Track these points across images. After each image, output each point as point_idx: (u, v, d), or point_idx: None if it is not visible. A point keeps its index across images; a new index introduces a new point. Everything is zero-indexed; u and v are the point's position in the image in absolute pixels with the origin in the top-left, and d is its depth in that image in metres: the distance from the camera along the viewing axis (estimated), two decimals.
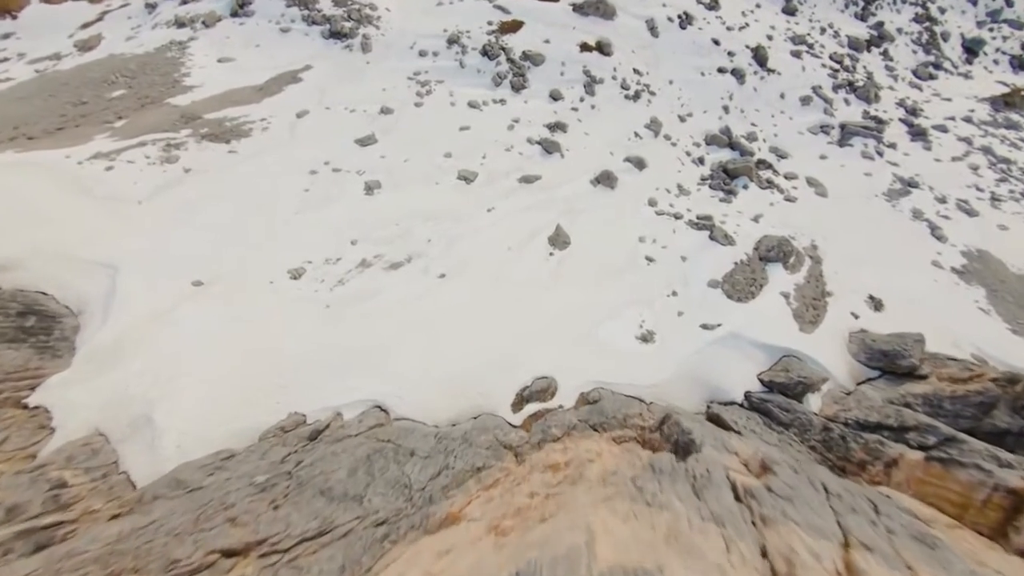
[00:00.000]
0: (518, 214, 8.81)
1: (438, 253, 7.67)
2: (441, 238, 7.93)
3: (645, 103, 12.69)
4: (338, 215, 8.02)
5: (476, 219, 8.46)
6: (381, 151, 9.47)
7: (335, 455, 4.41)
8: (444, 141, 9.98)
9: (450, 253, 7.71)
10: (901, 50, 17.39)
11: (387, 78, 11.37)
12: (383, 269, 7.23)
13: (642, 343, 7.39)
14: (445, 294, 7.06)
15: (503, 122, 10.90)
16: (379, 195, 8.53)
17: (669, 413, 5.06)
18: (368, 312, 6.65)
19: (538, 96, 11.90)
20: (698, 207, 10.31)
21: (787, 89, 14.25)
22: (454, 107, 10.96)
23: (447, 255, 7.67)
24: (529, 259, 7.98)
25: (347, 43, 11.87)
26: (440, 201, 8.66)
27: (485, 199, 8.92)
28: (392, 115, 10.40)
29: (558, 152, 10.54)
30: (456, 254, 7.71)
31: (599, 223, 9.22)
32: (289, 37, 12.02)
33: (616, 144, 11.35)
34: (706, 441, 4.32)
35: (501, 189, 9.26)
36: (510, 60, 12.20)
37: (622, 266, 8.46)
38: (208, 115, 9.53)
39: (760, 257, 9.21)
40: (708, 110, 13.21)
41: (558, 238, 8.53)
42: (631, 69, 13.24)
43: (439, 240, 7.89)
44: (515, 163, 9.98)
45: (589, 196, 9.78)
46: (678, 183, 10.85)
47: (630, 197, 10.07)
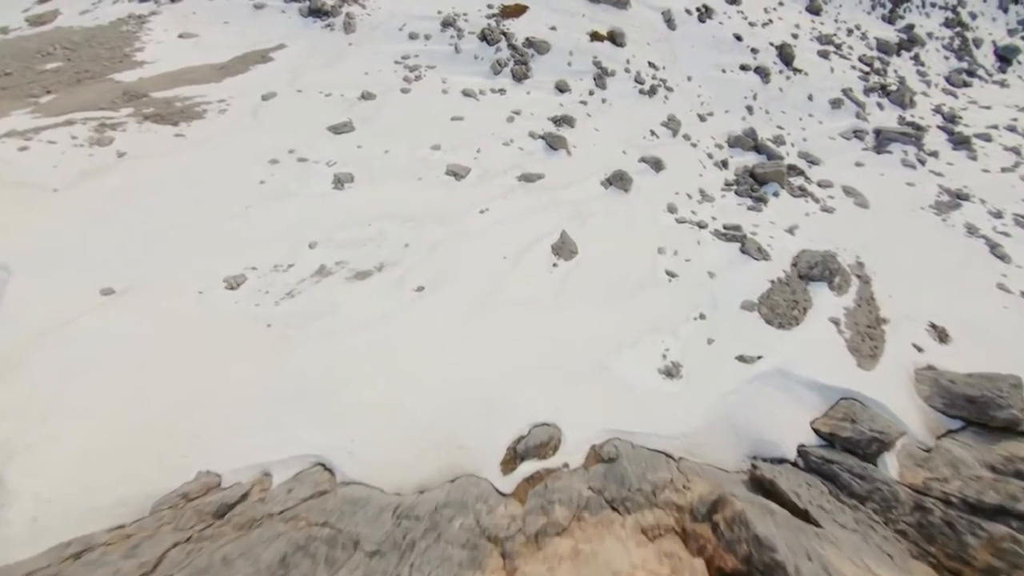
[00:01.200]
0: (516, 217, 7.41)
1: (417, 261, 6.24)
2: (421, 243, 6.51)
3: (662, 99, 11.39)
4: (297, 212, 6.60)
5: (466, 222, 7.06)
6: (358, 140, 8.09)
7: (229, 563, 2.94)
8: (433, 132, 8.62)
9: (431, 261, 6.29)
10: (932, 55, 16.24)
11: (371, 61, 10.04)
12: (346, 279, 5.79)
13: (666, 379, 5.94)
14: (422, 313, 5.61)
15: (502, 113, 9.56)
16: (350, 190, 7.13)
17: (723, 498, 3.60)
18: (321, 334, 5.19)
19: (542, 87, 10.58)
20: (724, 215, 8.95)
21: (815, 91, 13.00)
22: (446, 95, 9.63)
23: (428, 264, 6.24)
24: (528, 271, 6.56)
25: (328, 22, 10.58)
26: (423, 199, 7.25)
27: (477, 199, 7.52)
28: (374, 101, 9.04)
29: (564, 149, 9.18)
30: (439, 263, 6.28)
31: (611, 230, 7.83)
32: (263, 14, 10.71)
33: (630, 143, 10.01)
34: (799, 564, 2.85)
35: (497, 188, 7.87)
36: (512, 46, 10.91)
37: (639, 282, 7.05)
38: (156, 93, 8.15)
39: (800, 275, 7.81)
40: (730, 110, 11.92)
41: (563, 247, 7.12)
42: (646, 62, 11.97)
43: (419, 245, 6.47)
44: (514, 159, 8.61)
45: (599, 199, 8.40)
46: (700, 188, 9.50)
47: (647, 202, 8.69)
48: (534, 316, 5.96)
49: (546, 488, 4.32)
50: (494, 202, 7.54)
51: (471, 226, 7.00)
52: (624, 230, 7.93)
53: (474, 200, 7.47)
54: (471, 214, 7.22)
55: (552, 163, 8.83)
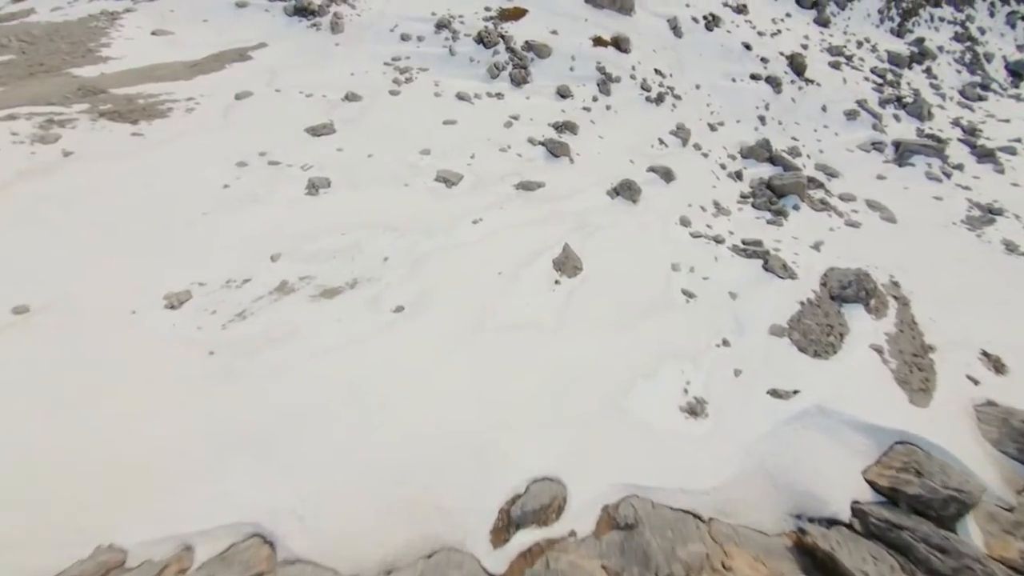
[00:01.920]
0: (514, 229, 6.58)
1: (397, 278, 5.37)
2: (404, 256, 5.65)
3: (669, 107, 10.72)
4: (262, 220, 5.76)
5: (456, 233, 6.22)
6: (339, 143, 7.31)
7: None
8: (423, 136, 7.86)
9: (414, 278, 5.42)
10: (944, 69, 15.77)
11: (359, 62, 9.37)
12: (310, 298, 4.90)
13: (689, 418, 5.02)
14: (399, 338, 4.71)
15: (498, 118, 8.83)
16: (325, 196, 6.30)
17: None
18: (273, 363, 4.28)
19: (542, 92, 9.90)
20: (742, 230, 8.15)
21: (829, 102, 12.40)
22: (439, 98, 8.91)
23: (410, 281, 5.37)
24: (527, 290, 5.69)
25: (314, 21, 9.94)
26: (409, 207, 6.43)
27: (470, 208, 6.70)
28: (360, 103, 8.30)
29: (566, 156, 8.43)
30: (423, 280, 5.41)
31: (619, 244, 7.00)
32: (245, 12, 10.08)
33: (637, 151, 9.28)
34: None
35: (492, 196, 7.06)
36: (510, 49, 10.28)
37: (653, 303, 6.18)
38: (117, 90, 7.39)
39: (832, 295, 6.97)
40: (742, 120, 11.26)
41: (567, 262, 6.27)
42: (652, 69, 11.35)
43: (400, 259, 5.61)
44: (512, 166, 7.83)
45: (606, 210, 7.60)
46: (714, 200, 8.73)
47: (657, 214, 7.89)
48: (533, 343, 5.07)
49: (548, 568, 3.37)
50: (489, 212, 6.72)
51: (462, 238, 6.16)
52: (633, 244, 7.10)
53: (466, 209, 6.65)
54: (463, 224, 6.39)
55: (553, 171, 8.06)
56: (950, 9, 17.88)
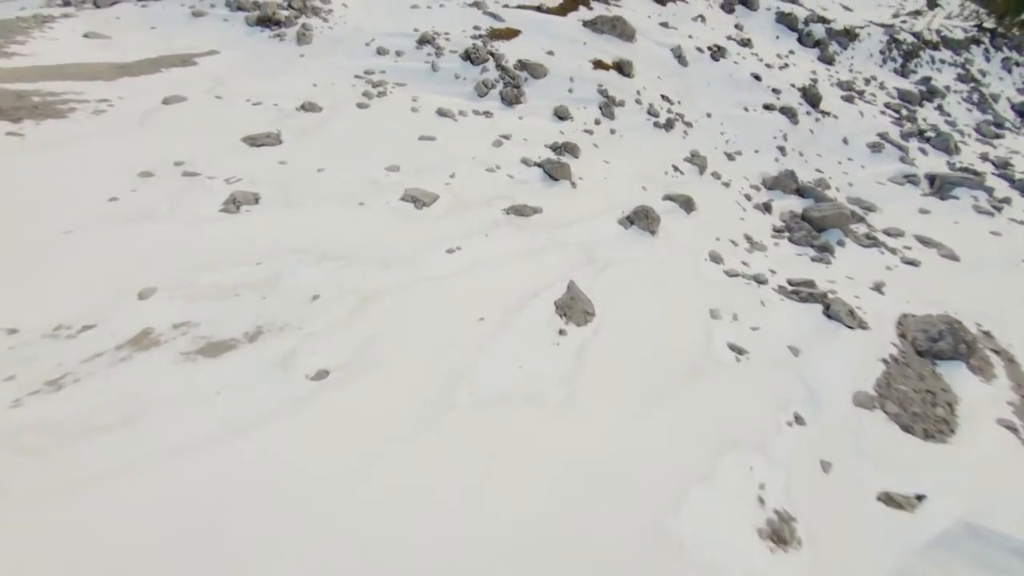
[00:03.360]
0: (502, 261, 4.98)
1: (327, 325, 3.66)
2: (343, 295, 3.97)
3: (681, 134, 9.55)
4: (146, 242, 4.10)
5: (423, 264, 4.59)
6: (283, 155, 5.82)
7: None
8: (392, 151, 6.42)
9: (354, 326, 3.71)
10: (955, 107, 15.17)
11: (325, 73, 8.11)
12: (180, 356, 3.15)
13: (776, 548, 3.20)
14: (314, 426, 2.94)
15: (486, 136, 7.48)
16: (248, 215, 4.70)
17: None
18: (82, 474, 2.47)
19: (537, 113, 8.67)
20: (784, 268, 6.63)
21: (850, 134, 11.40)
22: (416, 113, 7.59)
23: (346, 330, 3.66)
24: (520, 344, 3.99)
25: (278, 32, 8.80)
26: (361, 230, 4.83)
27: (445, 233, 5.12)
28: (318, 114, 6.92)
29: (567, 180, 7.01)
30: (367, 329, 3.71)
31: (640, 283, 5.40)
32: (201, 21, 8.94)
33: (649, 178, 7.93)
34: None
35: (475, 221, 5.51)
36: (501, 68, 9.15)
37: (694, 363, 4.50)
38: (9, 84, 5.93)
39: (920, 350, 5.34)
40: (760, 150, 10.11)
41: (573, 305, 4.62)
42: (658, 95, 10.30)
43: (337, 298, 3.92)
44: (501, 188, 6.37)
45: (618, 242, 6.07)
46: (745, 234, 7.28)
47: (681, 248, 6.38)
48: (531, 427, 3.31)
49: None
50: (470, 239, 5.14)
51: (432, 270, 4.52)
52: (657, 284, 5.51)
53: (440, 235, 5.06)
54: (433, 254, 4.77)
55: (552, 195, 6.59)
56: (949, 52, 17.69)
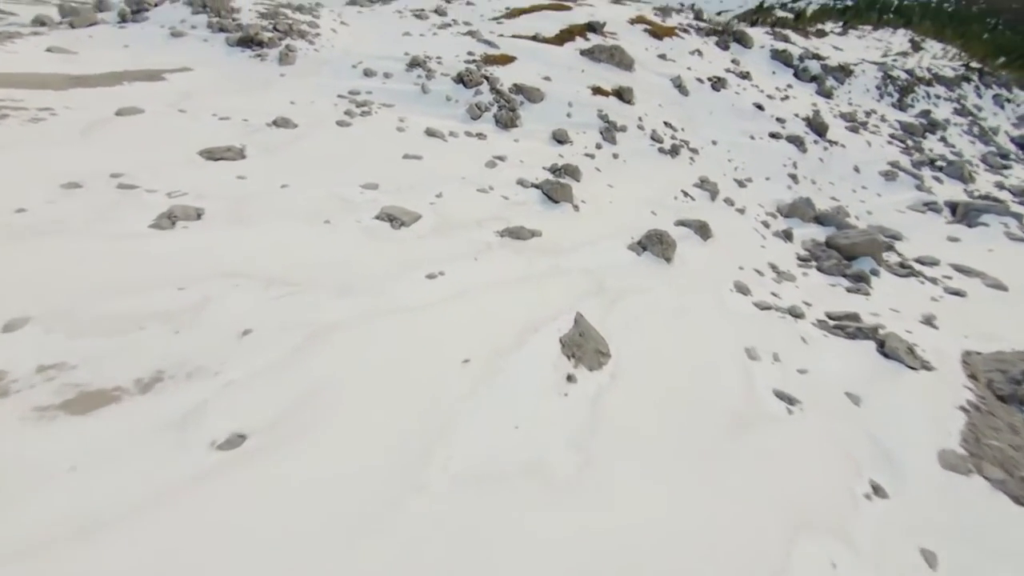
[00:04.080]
0: (494, 289, 4.11)
1: (254, 370, 2.72)
2: (284, 329, 3.05)
3: (687, 160, 8.97)
4: (44, 259, 3.21)
5: (395, 292, 3.70)
6: (244, 170, 5.06)
7: None
8: (371, 168, 5.70)
9: (291, 372, 2.77)
10: (958, 139, 14.93)
11: (305, 93, 7.53)
12: (34, 411, 2.19)
13: None
14: (205, 531, 1.96)
15: (479, 157, 6.82)
16: (183, 232, 3.85)
17: None
18: None
19: (535, 137, 8.08)
20: (819, 299, 5.80)
21: (860, 163, 10.92)
22: (402, 133, 6.95)
23: (279, 377, 2.71)
24: (517, 395, 3.05)
25: (260, 52, 8.31)
26: (324, 252, 3.98)
27: (426, 256, 4.28)
28: (292, 131, 6.25)
29: (568, 202, 6.28)
30: (308, 375, 2.77)
31: (660, 317, 4.52)
32: (179, 41, 8.46)
33: (657, 203, 7.23)
34: None
35: (464, 243, 4.69)
36: (496, 91, 8.66)
37: (737, 416, 3.55)
38: None
39: (1000, 395, 4.43)
40: (771, 177, 9.54)
41: (583, 344, 3.70)
42: (661, 122, 9.83)
43: (275, 334, 3.00)
44: (494, 209, 5.60)
45: (631, 269, 5.24)
46: (770, 262, 6.49)
47: (701, 276, 5.56)
48: (529, 516, 2.33)
49: None
50: (456, 263, 4.29)
51: (406, 299, 3.63)
52: (679, 317, 4.63)
53: (419, 258, 4.22)
54: (410, 279, 3.90)
55: (552, 218, 5.83)
56: (942, 88, 17.78)
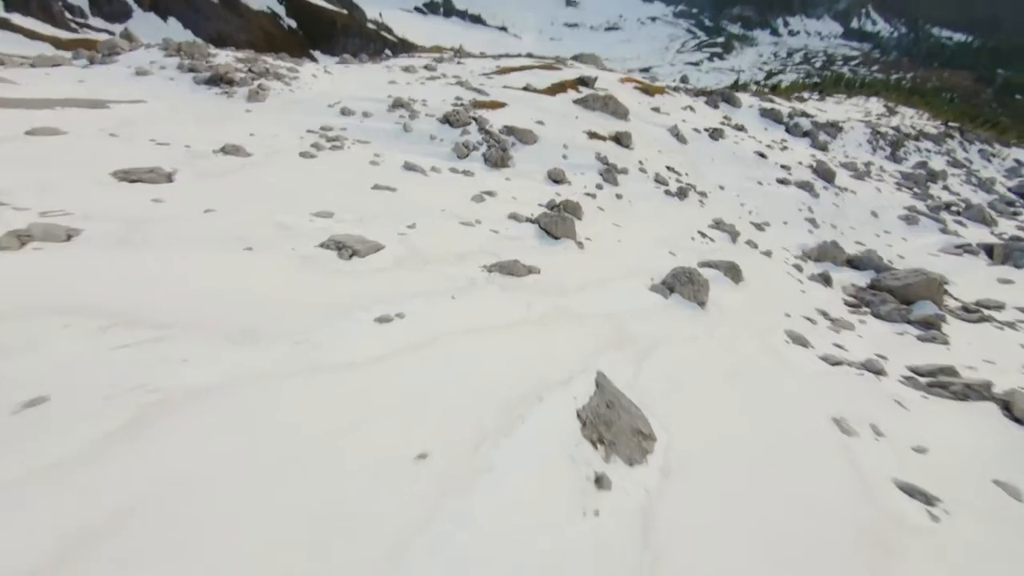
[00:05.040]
0: (477, 337, 2.87)
1: (32, 470, 1.40)
2: (110, 396, 1.77)
3: (697, 203, 8.16)
4: None
5: (327, 339, 2.45)
6: (165, 193, 3.99)
7: None
8: (331, 198, 4.67)
9: (104, 472, 1.45)
10: (959, 188, 14.59)
11: (269, 126, 6.73)
12: None
13: None
14: None
15: (465, 191, 5.88)
16: (36, 253, 2.65)
17: None
18: None
19: (528, 176, 7.25)
20: (893, 351, 4.60)
21: (877, 208, 10.24)
22: (376, 166, 6.05)
23: (79, 484, 1.40)
24: (506, 518, 1.72)
25: (228, 90, 7.65)
26: (231, 283, 2.77)
27: (381, 293, 3.07)
28: (243, 158, 5.30)
29: (570, 239, 5.24)
30: (131, 481, 1.45)
31: (707, 375, 3.26)
32: (142, 79, 7.83)
33: (675, 243, 6.23)
34: None
35: (438, 279, 3.51)
36: (485, 131, 7.98)
37: (862, 533, 2.18)
38: None
39: None
40: (789, 221, 8.73)
41: (614, 420, 2.40)
42: (664, 166, 9.17)
43: (91, 405, 1.70)
44: (481, 242, 4.51)
45: (658, 314, 4.06)
46: (818, 308, 5.36)
47: (744, 324, 4.38)
48: None
49: None
50: (424, 302, 3.08)
51: (339, 350, 2.37)
52: (733, 376, 3.38)
53: (371, 294, 3.01)
54: (352, 322, 2.67)
55: (553, 254, 4.74)
56: (930, 143, 17.93)
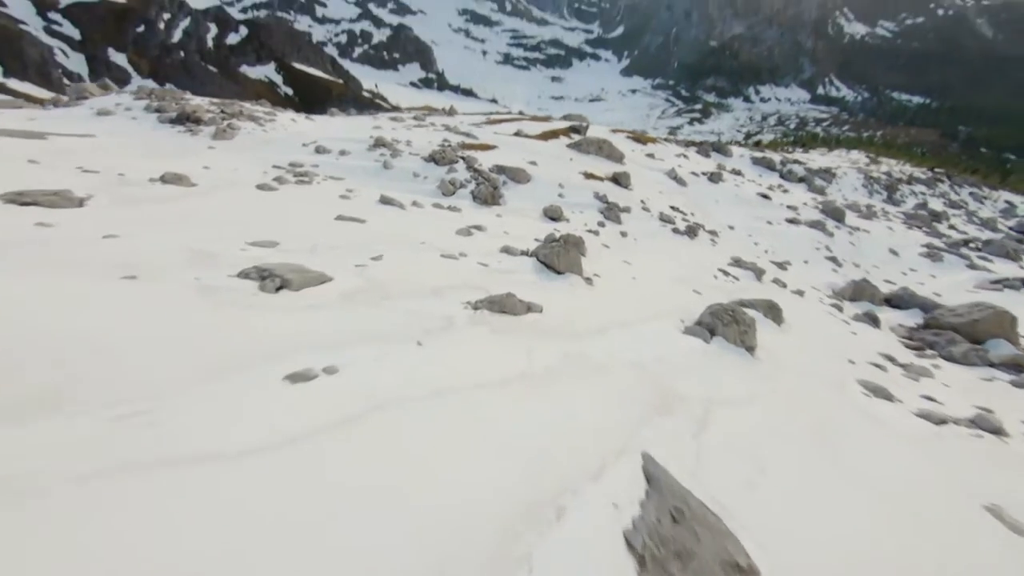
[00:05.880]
0: (450, 402, 1.83)
1: None
2: None
3: (708, 242, 7.40)
4: None
5: (191, 418, 1.41)
6: (60, 217, 3.08)
7: None
8: (282, 227, 3.78)
9: None
10: (965, 226, 14.19)
11: (230, 161, 5.99)
12: None
13: None
14: None
15: (449, 224, 5.05)
16: None
17: None
18: None
19: (522, 214, 6.49)
20: (997, 402, 3.57)
21: (895, 246, 9.58)
22: (347, 200, 5.23)
23: None
24: None
25: (192, 128, 7.01)
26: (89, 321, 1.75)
27: (310, 336, 2.05)
28: (184, 188, 4.46)
29: (576, 273, 4.34)
30: None
31: (794, 454, 2.20)
32: (102, 119, 7.22)
33: (696, 281, 5.34)
34: None
35: (398, 318, 2.51)
36: (474, 169, 7.33)
37: None
38: None
39: None
40: (809, 260, 7.97)
41: (688, 547, 1.35)
42: (667, 205, 8.53)
43: None
44: (465, 275, 3.57)
45: (702, 363, 3.04)
46: (881, 352, 4.39)
47: (805, 373, 3.37)
48: None
49: None
50: (371, 348, 2.06)
51: (203, 436, 1.34)
52: (824, 445, 2.33)
53: (291, 339, 2.00)
54: (248, 381, 1.64)
55: (557, 290, 3.80)
56: (922, 187, 17.90)
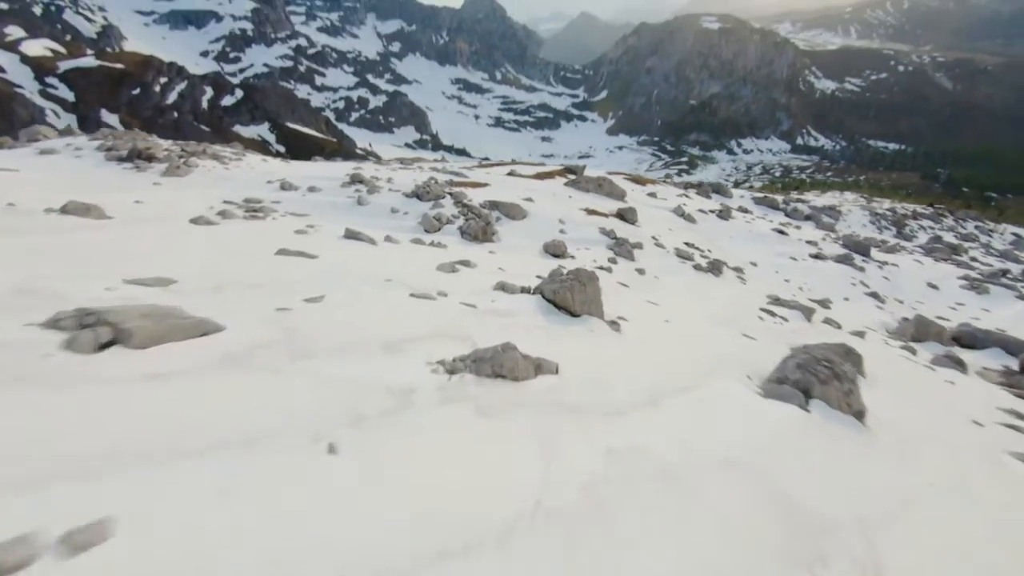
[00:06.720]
0: None
1: None
2: None
3: (735, 279, 6.44)
4: None
5: None
6: None
7: None
8: (193, 264, 2.74)
9: None
10: (984, 257, 13.45)
11: (172, 196, 5.05)
12: None
13: None
14: None
15: (429, 259, 4.04)
16: None
17: None
18: None
19: (519, 251, 5.53)
20: None
21: (931, 279, 8.69)
22: (303, 235, 4.24)
23: None
24: None
25: (140, 165, 6.14)
26: None
27: (117, 440, 0.96)
28: (91, 220, 3.45)
29: (596, 316, 3.28)
30: None
31: None
32: (41, 157, 6.38)
33: (742, 324, 4.29)
34: None
35: (301, 396, 1.41)
36: (463, 204, 6.45)
37: None
38: None
39: None
40: (849, 297, 7.00)
41: None
42: (682, 242, 7.64)
43: None
44: (444, 321, 2.49)
45: (811, 448, 1.91)
46: (1002, 408, 3.27)
47: (942, 452, 2.24)
48: None
49: None
50: (218, 468, 0.97)
51: None
52: None
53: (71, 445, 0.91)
54: None
55: (575, 339, 2.71)
56: (928, 221, 17.44)
